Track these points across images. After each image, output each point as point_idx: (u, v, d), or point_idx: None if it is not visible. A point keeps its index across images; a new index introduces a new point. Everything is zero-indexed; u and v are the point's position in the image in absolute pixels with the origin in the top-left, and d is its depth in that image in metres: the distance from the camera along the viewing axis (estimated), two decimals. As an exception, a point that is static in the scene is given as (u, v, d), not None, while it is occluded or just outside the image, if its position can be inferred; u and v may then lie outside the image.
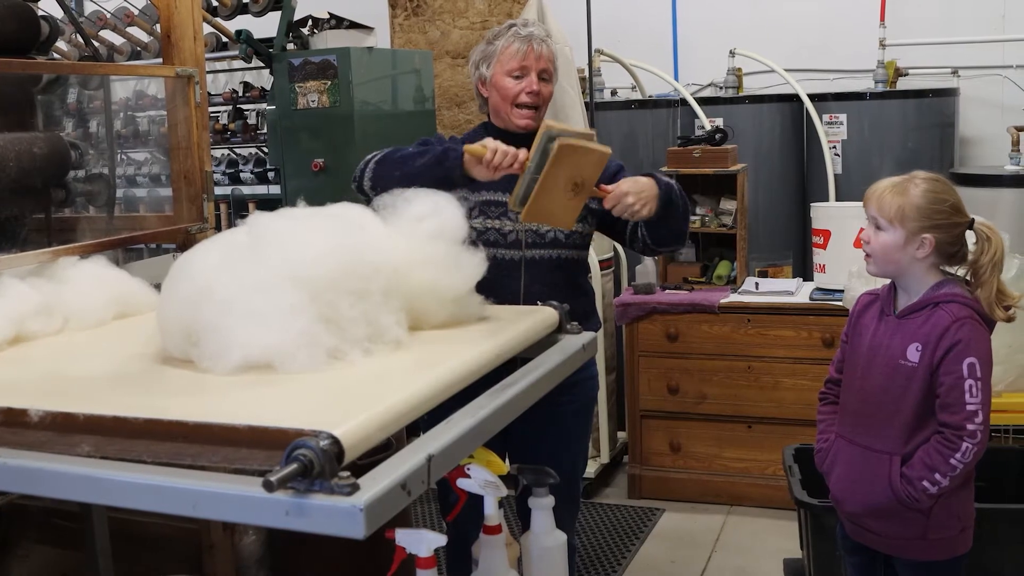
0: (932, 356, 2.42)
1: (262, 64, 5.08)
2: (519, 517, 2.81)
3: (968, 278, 2.49)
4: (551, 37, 2.89)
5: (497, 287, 2.47)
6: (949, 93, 5.56)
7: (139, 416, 1.60)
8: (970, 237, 2.49)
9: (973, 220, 2.47)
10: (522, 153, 2.41)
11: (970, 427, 2.37)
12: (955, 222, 2.45)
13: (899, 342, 2.48)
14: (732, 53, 5.92)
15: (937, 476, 2.41)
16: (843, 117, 5.52)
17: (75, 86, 4.54)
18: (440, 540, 1.80)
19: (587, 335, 2.32)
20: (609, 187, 2.55)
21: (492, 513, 2.06)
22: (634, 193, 2.56)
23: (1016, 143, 5.02)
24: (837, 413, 2.68)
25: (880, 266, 2.51)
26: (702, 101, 5.73)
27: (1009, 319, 2.48)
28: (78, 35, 4.85)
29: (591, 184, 2.45)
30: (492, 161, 2.44)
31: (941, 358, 2.41)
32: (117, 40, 5.84)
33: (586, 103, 5.11)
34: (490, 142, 2.47)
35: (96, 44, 5.39)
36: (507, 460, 2.89)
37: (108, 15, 5.59)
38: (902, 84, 5.73)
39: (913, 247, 2.43)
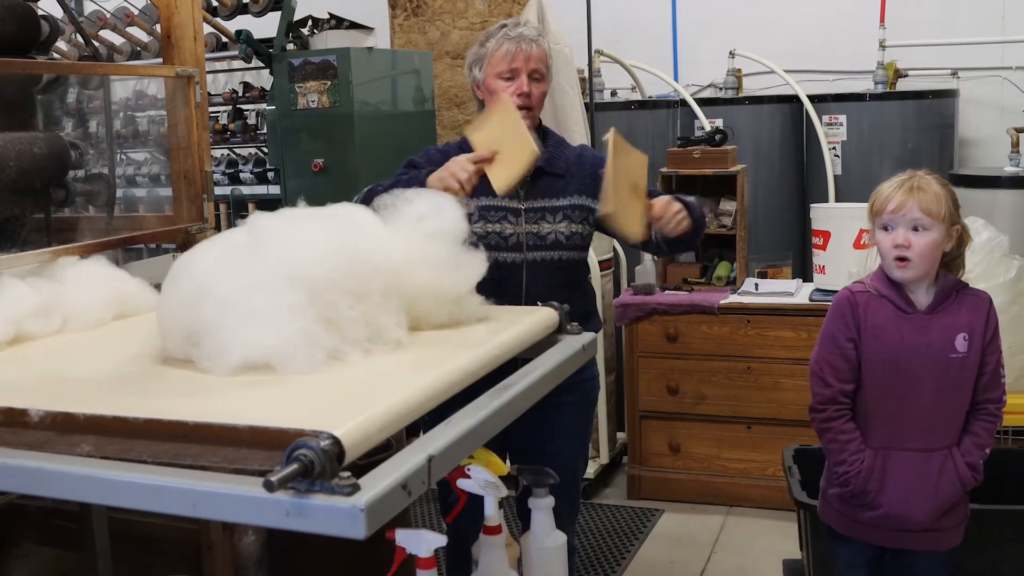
0: (980, 341, 2.47)
1: (262, 64, 5.08)
2: (519, 517, 2.81)
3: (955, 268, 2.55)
4: (543, 36, 2.88)
5: (498, 289, 2.48)
6: (949, 94, 5.57)
7: (139, 416, 1.60)
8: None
9: None
10: (468, 164, 2.55)
11: (1003, 399, 2.49)
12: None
13: (940, 336, 2.46)
14: (732, 54, 5.92)
15: (985, 451, 2.49)
16: (843, 118, 5.52)
17: (75, 86, 4.54)
18: (440, 540, 1.80)
19: (587, 335, 2.32)
20: (653, 200, 2.64)
21: (492, 513, 2.06)
22: (673, 209, 2.64)
23: (1015, 144, 5.02)
24: (864, 427, 2.55)
25: (923, 268, 2.44)
26: (702, 102, 5.74)
27: None
28: (78, 35, 4.85)
29: (643, 186, 2.61)
30: (452, 184, 2.54)
31: (989, 340, 2.47)
32: (117, 40, 5.83)
33: (586, 104, 5.11)
34: (443, 171, 2.58)
35: (96, 44, 5.39)
36: (507, 460, 2.89)
37: (108, 15, 5.59)
38: (902, 85, 5.73)
39: (946, 241, 2.45)
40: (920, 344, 2.46)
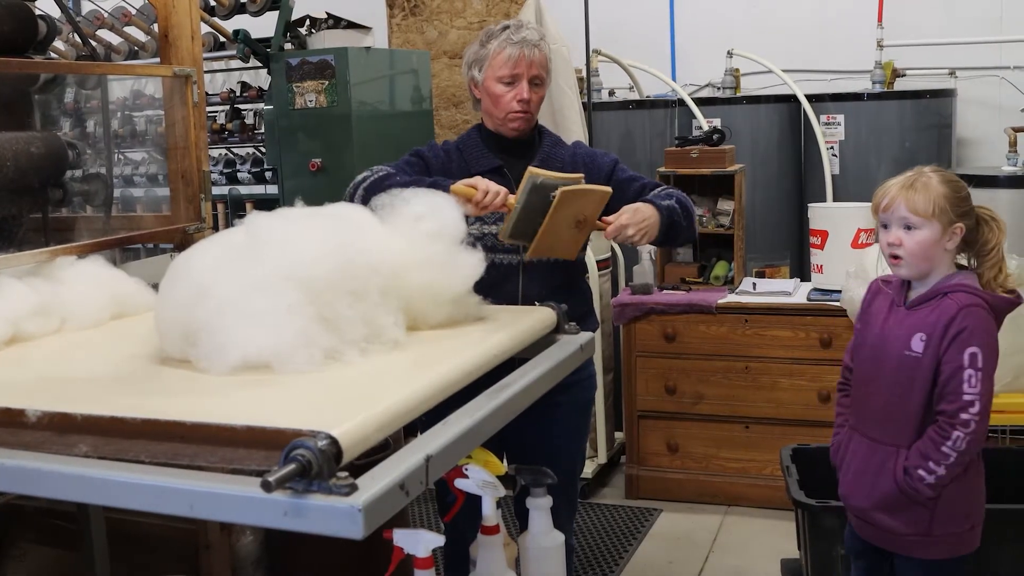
0: (938, 346, 2.42)
1: (260, 64, 5.08)
2: (517, 517, 2.81)
3: (973, 261, 2.51)
4: (545, 39, 2.87)
5: (495, 291, 2.48)
6: (946, 94, 5.57)
7: (136, 416, 1.60)
8: None
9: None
10: (510, 197, 2.49)
11: (964, 416, 2.37)
12: (972, 208, 2.48)
13: (904, 333, 2.48)
14: (730, 54, 5.92)
15: (931, 465, 2.40)
16: (840, 118, 5.52)
17: (72, 86, 4.54)
18: (438, 540, 1.80)
19: (585, 335, 2.32)
20: (610, 218, 2.60)
21: (490, 513, 2.06)
22: (634, 224, 2.60)
23: (1013, 144, 5.02)
24: (852, 407, 2.67)
25: (915, 266, 2.47)
26: (700, 101, 5.73)
27: (1016, 296, 2.48)
28: (75, 35, 4.86)
29: (594, 219, 2.58)
30: (482, 201, 2.47)
31: (947, 347, 2.40)
32: (115, 40, 5.84)
33: (584, 103, 5.12)
34: (480, 182, 2.50)
35: (93, 44, 5.39)
36: (505, 460, 2.89)
37: (106, 15, 5.59)
38: (900, 85, 5.73)
39: (946, 239, 2.44)
40: (891, 337, 2.51)
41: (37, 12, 3.32)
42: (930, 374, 2.43)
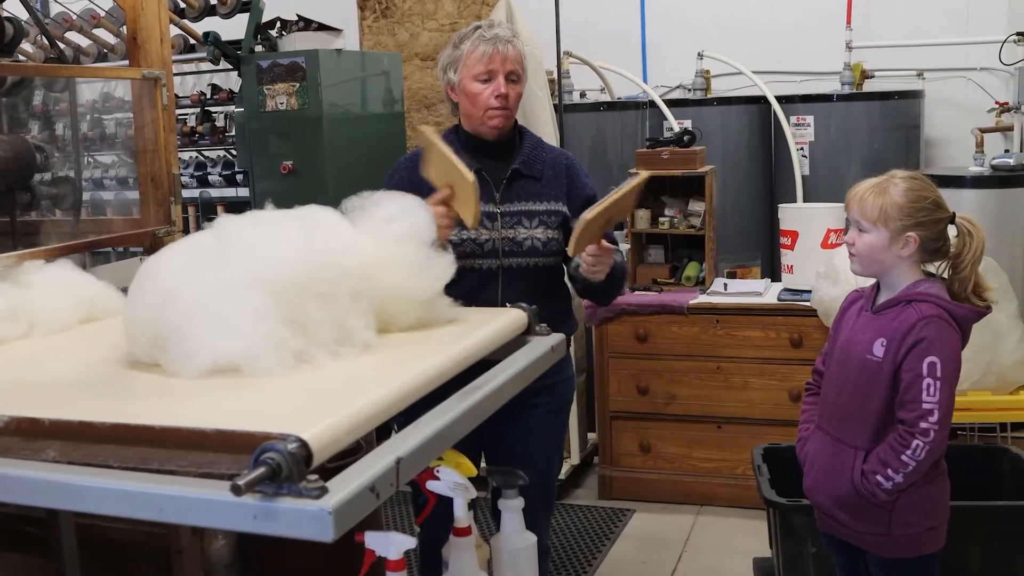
0: (896, 352, 2.45)
1: (230, 66, 5.06)
2: (493, 518, 2.81)
3: (947, 271, 2.52)
4: (518, 37, 2.87)
5: (475, 296, 2.49)
6: (914, 95, 5.62)
7: (105, 421, 1.59)
8: (951, 231, 2.52)
9: (954, 215, 2.51)
10: (438, 210, 2.48)
11: (923, 425, 2.39)
12: (937, 218, 2.48)
13: (868, 337, 2.51)
14: (700, 55, 5.95)
15: (889, 472, 2.43)
16: (810, 119, 5.56)
17: (40, 88, 4.50)
18: (409, 543, 1.80)
19: (556, 336, 2.32)
20: (607, 245, 2.66)
21: (462, 515, 2.06)
22: (607, 261, 2.66)
23: (980, 144, 5.08)
24: (818, 404, 2.71)
25: (865, 266, 2.54)
26: (671, 103, 5.76)
27: (986, 307, 2.51)
28: (43, 37, 4.81)
29: (613, 224, 2.70)
30: (446, 230, 2.51)
31: (904, 355, 2.43)
32: (83, 42, 5.80)
33: (555, 105, 5.12)
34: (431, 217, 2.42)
35: (62, 46, 5.35)
36: (482, 461, 2.89)
37: (74, 17, 5.55)
38: (868, 86, 5.78)
39: (898, 246, 2.46)
40: (856, 340, 2.56)
41: (4, 14, 3.29)
42: (889, 379, 2.46)
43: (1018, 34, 5.23)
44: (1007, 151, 5.22)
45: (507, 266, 2.77)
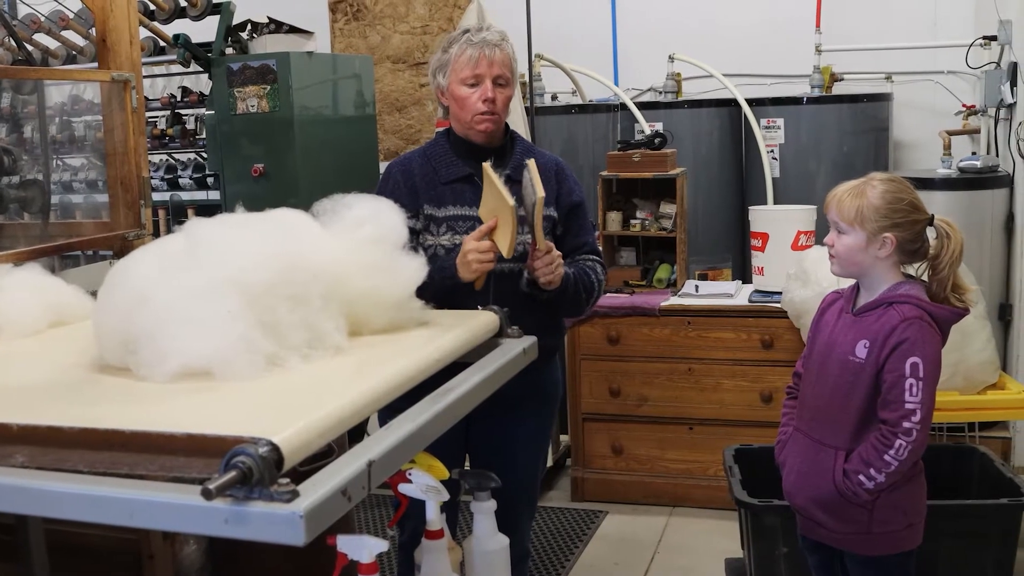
0: (879, 354, 2.47)
1: (201, 69, 5.04)
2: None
3: (926, 273, 2.56)
4: (507, 40, 2.87)
5: (463, 300, 2.49)
6: (883, 98, 5.66)
7: (74, 425, 1.57)
8: (930, 232, 2.56)
9: (932, 216, 2.54)
10: (481, 245, 2.60)
11: (906, 425, 2.42)
12: (915, 219, 2.51)
13: (850, 339, 2.54)
14: (671, 58, 5.97)
15: (872, 472, 2.46)
16: (780, 121, 5.59)
17: (8, 91, 4.46)
18: (381, 546, 1.79)
19: (528, 339, 2.32)
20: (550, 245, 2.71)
21: (433, 518, 2.06)
22: (554, 271, 2.68)
23: (947, 147, 5.12)
24: (797, 407, 2.74)
25: (843, 267, 2.58)
26: (642, 106, 5.78)
27: (964, 308, 2.53)
28: (11, 39, 4.77)
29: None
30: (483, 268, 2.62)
31: (887, 356, 2.46)
32: (52, 44, 5.74)
33: (526, 108, 5.13)
34: (470, 258, 2.62)
35: (30, 48, 5.30)
36: (467, 463, 2.90)
37: (42, 18, 5.50)
38: (838, 89, 5.82)
39: (875, 247, 2.50)
40: (837, 342, 2.58)
41: (-29, 16, 3.27)
42: (871, 380, 2.49)
43: (984, 38, 5.28)
44: (974, 153, 5.27)
45: (498, 271, 2.75)
